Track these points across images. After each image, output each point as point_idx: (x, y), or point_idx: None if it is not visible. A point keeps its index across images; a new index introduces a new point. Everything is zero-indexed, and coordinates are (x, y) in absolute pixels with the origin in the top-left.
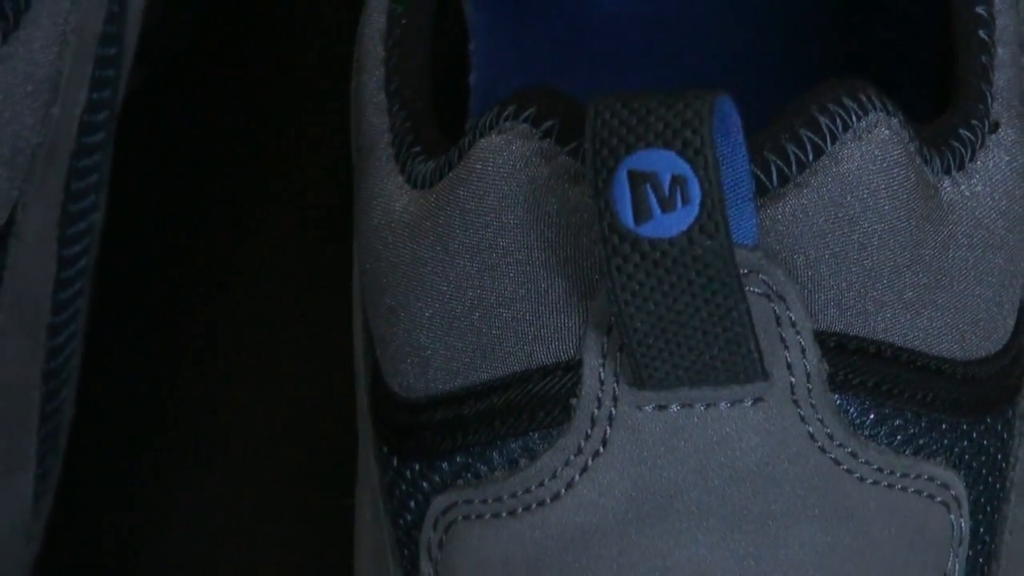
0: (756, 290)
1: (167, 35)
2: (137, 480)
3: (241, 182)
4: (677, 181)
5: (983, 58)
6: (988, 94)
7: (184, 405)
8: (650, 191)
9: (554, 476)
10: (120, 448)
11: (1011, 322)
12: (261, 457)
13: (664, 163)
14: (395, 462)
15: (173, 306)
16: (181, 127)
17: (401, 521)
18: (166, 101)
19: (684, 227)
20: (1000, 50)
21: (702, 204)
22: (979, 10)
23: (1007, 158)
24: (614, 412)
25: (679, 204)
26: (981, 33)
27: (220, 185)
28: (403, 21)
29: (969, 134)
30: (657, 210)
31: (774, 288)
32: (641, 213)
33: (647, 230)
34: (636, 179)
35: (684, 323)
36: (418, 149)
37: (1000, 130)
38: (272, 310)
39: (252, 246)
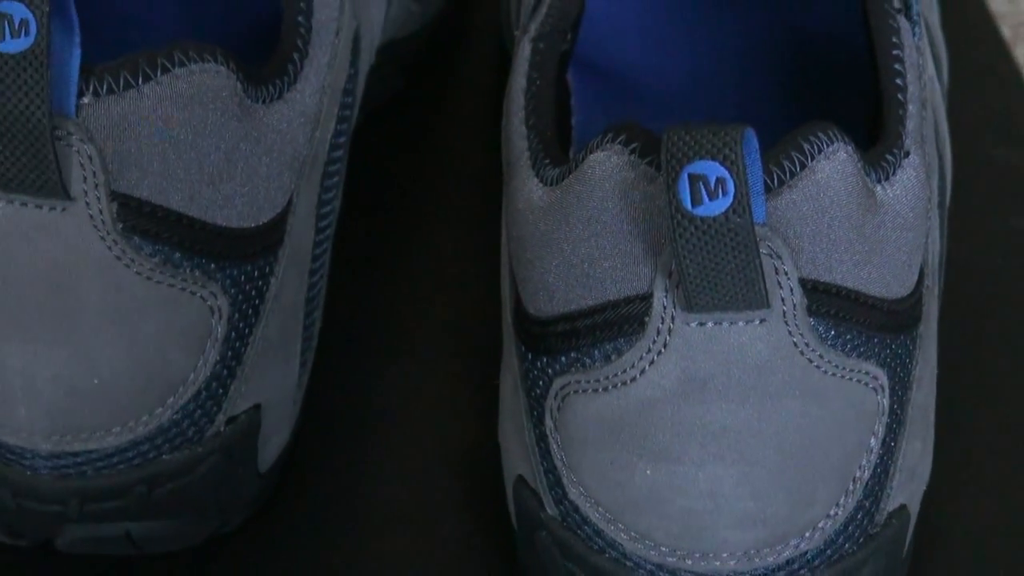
0: (764, 251)
1: (377, 92)
2: (361, 369)
3: (425, 184)
4: (719, 181)
5: (900, 111)
6: (903, 134)
7: (391, 323)
8: (702, 186)
9: (633, 366)
10: (347, 346)
11: (916, 276)
12: (440, 353)
13: (712, 169)
14: (530, 356)
15: (382, 259)
16: (385, 148)
17: (533, 394)
18: (376, 131)
19: (723, 209)
20: (911, 106)
21: (735, 195)
22: (898, 81)
23: (914, 174)
24: (672, 326)
25: (720, 195)
26: (899, 96)
27: (411, 185)
28: (537, 82)
29: (892, 158)
30: (706, 198)
31: (775, 250)
32: (696, 200)
33: (699, 211)
34: (693, 179)
35: (719, 270)
36: (548, 161)
37: (910, 156)
38: (445, 265)
39: (430, 224)
